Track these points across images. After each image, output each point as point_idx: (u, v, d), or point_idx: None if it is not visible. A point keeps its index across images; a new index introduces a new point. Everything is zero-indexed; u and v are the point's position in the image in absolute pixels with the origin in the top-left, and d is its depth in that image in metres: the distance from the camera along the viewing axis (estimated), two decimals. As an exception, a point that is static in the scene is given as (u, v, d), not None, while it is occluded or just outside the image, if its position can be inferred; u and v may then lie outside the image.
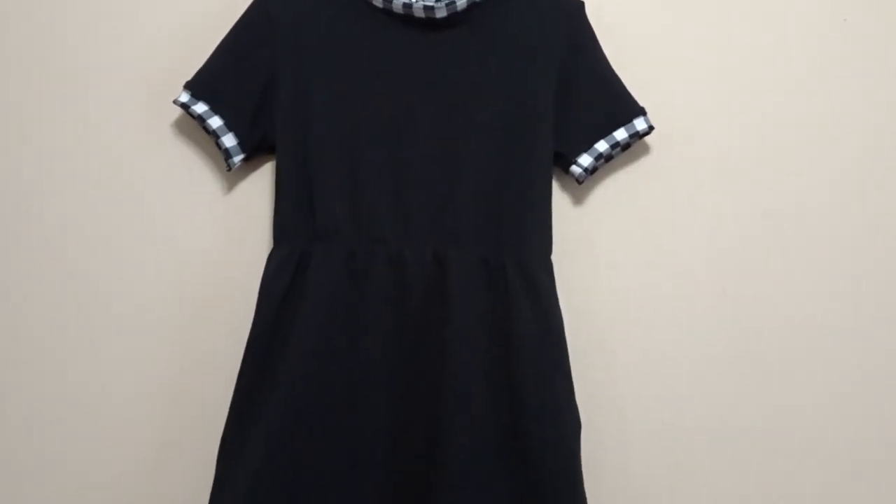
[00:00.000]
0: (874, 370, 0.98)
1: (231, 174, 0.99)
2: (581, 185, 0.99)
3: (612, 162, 1.00)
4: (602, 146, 0.97)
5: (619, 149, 0.98)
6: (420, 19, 0.95)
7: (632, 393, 0.96)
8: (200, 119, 0.95)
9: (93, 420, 0.96)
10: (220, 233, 0.98)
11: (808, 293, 0.99)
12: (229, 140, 0.95)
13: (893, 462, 0.96)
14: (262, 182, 0.99)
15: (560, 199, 0.99)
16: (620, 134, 0.97)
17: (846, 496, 0.96)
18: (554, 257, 0.94)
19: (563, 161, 0.97)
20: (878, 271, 0.99)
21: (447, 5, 0.94)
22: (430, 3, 0.95)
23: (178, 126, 1.00)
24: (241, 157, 0.96)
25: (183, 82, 0.95)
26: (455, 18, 0.95)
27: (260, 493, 0.86)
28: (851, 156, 1.01)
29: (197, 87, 0.96)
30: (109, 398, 0.96)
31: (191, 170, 0.99)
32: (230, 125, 0.95)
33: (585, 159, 0.97)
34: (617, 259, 0.98)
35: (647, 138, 0.99)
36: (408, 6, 0.94)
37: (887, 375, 0.98)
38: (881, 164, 1.01)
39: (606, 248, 0.98)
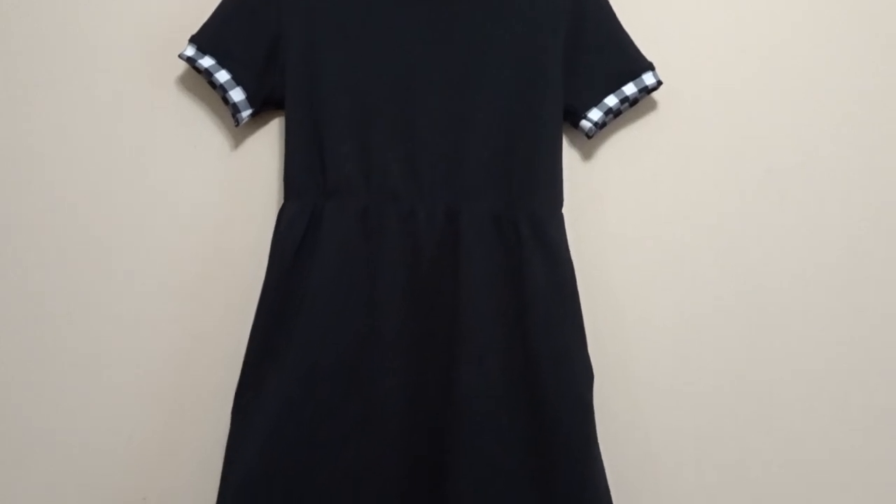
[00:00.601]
0: (874, 320, 1.00)
1: (237, 130, 0.98)
2: (590, 140, 0.99)
3: (621, 117, 1.00)
4: (611, 100, 0.97)
5: (627, 104, 0.98)
6: (429, -24, 0.94)
7: (641, 343, 0.97)
8: (207, 73, 0.94)
9: (103, 379, 0.95)
10: (228, 189, 0.97)
11: (810, 245, 1.00)
12: (237, 94, 0.94)
13: (893, 407, 0.99)
14: (269, 138, 0.98)
15: (569, 153, 0.99)
16: (629, 88, 0.98)
17: (849, 442, 0.98)
18: (564, 210, 0.94)
19: (573, 116, 0.97)
20: (880, 227, 1.01)
21: (456, -39, 0.93)
22: (440, -43, 0.94)
23: (184, 81, 0.98)
24: (249, 111, 0.95)
25: (188, 36, 0.94)
26: (464, -25, 0.94)
27: (276, 447, 0.86)
28: (856, 114, 1.02)
29: (203, 40, 0.94)
30: (118, 358, 0.95)
31: (197, 126, 0.98)
32: (238, 79, 0.94)
33: (595, 113, 0.97)
34: (626, 212, 0.99)
35: (654, 94, 1.00)
36: (417, -38, 0.93)
37: (887, 327, 1.00)
38: (887, 122, 1.02)
39: (615, 202, 0.99)
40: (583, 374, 0.90)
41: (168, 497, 0.94)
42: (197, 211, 0.97)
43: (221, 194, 0.97)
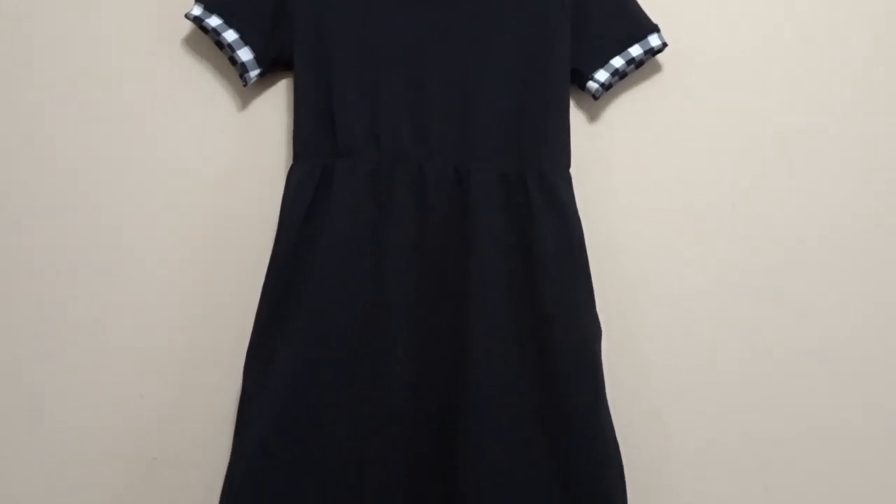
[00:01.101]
0: (881, 281, 1.02)
1: (245, 91, 0.97)
2: (596, 102, 1.00)
3: (626, 80, 1.01)
4: (618, 62, 0.98)
5: (633, 65, 0.99)
6: (438, -63, 0.94)
7: (647, 302, 0.99)
8: (214, 33, 0.93)
9: (113, 340, 0.95)
10: (237, 150, 0.97)
11: (814, 208, 1.02)
12: (245, 54, 0.94)
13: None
14: (277, 99, 0.98)
15: (576, 115, 1.00)
16: (635, 50, 0.98)
17: (856, 403, 1.00)
18: (571, 171, 0.95)
19: (580, 78, 0.98)
20: (885, 188, 1.03)
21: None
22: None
23: (191, 41, 0.98)
24: (257, 71, 0.95)
25: (195, -5, 0.94)
26: (473, -64, 0.94)
27: (287, 414, 0.87)
28: (866, 80, 1.03)
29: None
30: (129, 318, 0.95)
31: (205, 86, 0.98)
32: (245, 39, 0.94)
33: (602, 75, 0.98)
34: (631, 172, 1.00)
35: (659, 57, 1.01)
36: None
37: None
38: (891, 87, 1.04)
39: (621, 162, 1.00)
40: (591, 330, 0.92)
41: (178, 457, 0.95)
42: (206, 172, 0.97)
43: (230, 155, 0.97)
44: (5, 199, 0.96)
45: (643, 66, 1.00)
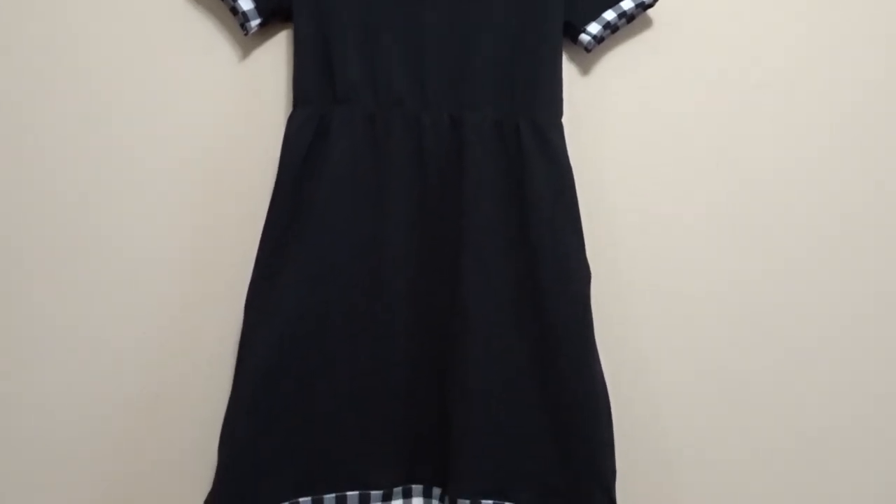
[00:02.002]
0: (866, 219, 1.05)
1: (246, 42, 1.00)
2: (589, 55, 1.03)
3: (617, 35, 1.03)
4: (610, 15, 1.01)
5: (624, 19, 1.01)
6: None
7: (636, 247, 1.02)
8: (216, -18, 0.96)
9: (115, 279, 0.98)
10: (236, 100, 0.99)
11: (804, 158, 1.05)
12: (246, 3, 0.96)
13: (889, 313, 1.05)
14: (277, 48, 1.00)
15: (569, 68, 1.02)
16: (627, 4, 1.01)
17: (844, 349, 1.04)
18: (564, 122, 0.98)
19: (572, 30, 1.00)
20: (868, 133, 1.06)
21: None
22: None
23: (191, -9, 1.01)
24: (257, 21, 0.97)
25: (197, -55, 0.96)
26: None
27: (286, 344, 0.90)
28: (842, 30, 1.06)
29: (212, -51, 0.96)
30: (130, 258, 0.98)
31: (206, 36, 1.00)
32: (246, -12, 0.96)
33: (594, 27, 1.00)
34: (623, 123, 1.03)
35: (650, 11, 1.04)
36: None
37: (879, 225, 1.05)
38: (875, 34, 1.06)
39: (613, 114, 1.03)
40: (581, 273, 0.95)
41: (180, 394, 0.98)
42: (208, 119, 0.99)
43: (232, 103, 1.00)
44: (13, 139, 0.99)
45: (634, 20, 1.03)
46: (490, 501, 0.93)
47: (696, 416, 1.01)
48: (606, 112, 1.03)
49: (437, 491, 0.97)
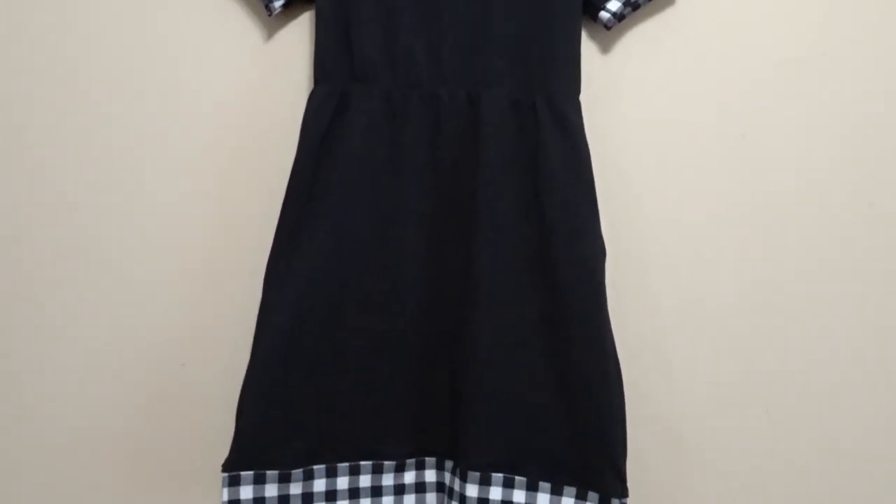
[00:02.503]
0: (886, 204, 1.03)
1: (270, 22, 1.02)
2: (608, 33, 1.02)
3: (639, 13, 1.03)
4: (630, -9, 1.00)
5: (645, -3, 1.01)
6: None
7: (651, 225, 1.01)
8: (241, -36, 0.99)
9: (139, 252, 1.02)
10: (259, 81, 1.02)
11: (824, 137, 1.02)
12: (270, -16, 0.99)
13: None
14: (300, 29, 1.03)
15: (589, 46, 1.02)
16: (648, -20, 1.00)
17: (854, 317, 1.02)
18: (582, 100, 0.98)
19: (592, 8, 1.00)
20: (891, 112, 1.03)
21: None
22: None
23: (216, -27, 1.04)
24: (281, 2, 0.99)
25: (222, -73, 0.99)
26: None
27: (303, 315, 0.93)
28: (864, 7, 1.03)
29: (237, -68, 0.99)
30: (154, 235, 1.02)
31: (229, 18, 1.03)
32: (270, -31, 0.99)
33: (614, 4, 1.00)
34: (642, 104, 1.02)
35: (673, -11, 1.03)
36: None
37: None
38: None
39: (633, 93, 1.02)
40: (595, 251, 0.95)
41: (205, 363, 1.01)
42: (231, 98, 1.02)
43: (255, 82, 1.02)
44: (30, 115, 1.03)
45: (655, -1, 1.02)
46: (500, 474, 0.94)
47: (711, 394, 1.01)
48: (627, 91, 1.02)
49: (449, 464, 0.98)
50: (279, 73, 1.02)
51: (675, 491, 1.01)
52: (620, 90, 1.02)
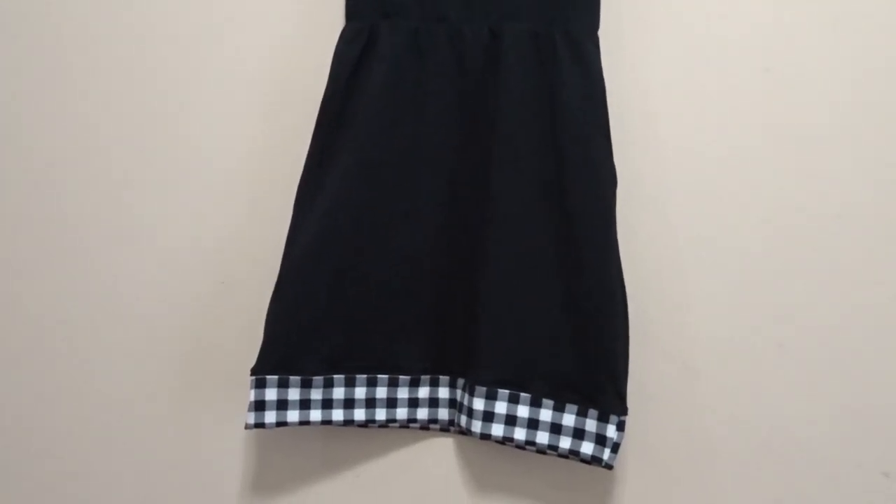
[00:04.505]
0: None
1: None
2: (631, -29, 1.05)
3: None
4: (653, -70, 1.02)
5: (670, -64, 1.03)
6: None
7: (669, 158, 1.03)
8: None
9: (183, 184, 1.10)
10: (293, 21, 1.08)
11: (851, 71, 1.01)
12: (307, -73, 1.05)
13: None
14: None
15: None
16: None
17: (874, 253, 1.01)
18: (600, 34, 1.01)
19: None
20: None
21: None
22: None
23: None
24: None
25: None
26: None
27: (329, 229, 0.99)
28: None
29: None
30: (196, 163, 1.10)
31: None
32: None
33: (636, -58, 1.02)
34: (665, 35, 1.03)
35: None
36: None
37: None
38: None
39: (652, 27, 1.03)
40: (607, 177, 0.98)
41: (243, 281, 1.09)
42: (268, 35, 1.08)
43: (288, 24, 1.08)
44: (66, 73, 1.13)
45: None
46: (506, 390, 0.99)
47: (721, 325, 1.02)
48: (646, 27, 1.04)
49: (462, 381, 1.03)
50: (313, 12, 1.08)
51: (679, 412, 1.03)
52: (640, 26, 1.04)
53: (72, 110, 1.11)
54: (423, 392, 1.04)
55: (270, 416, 0.99)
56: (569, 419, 0.98)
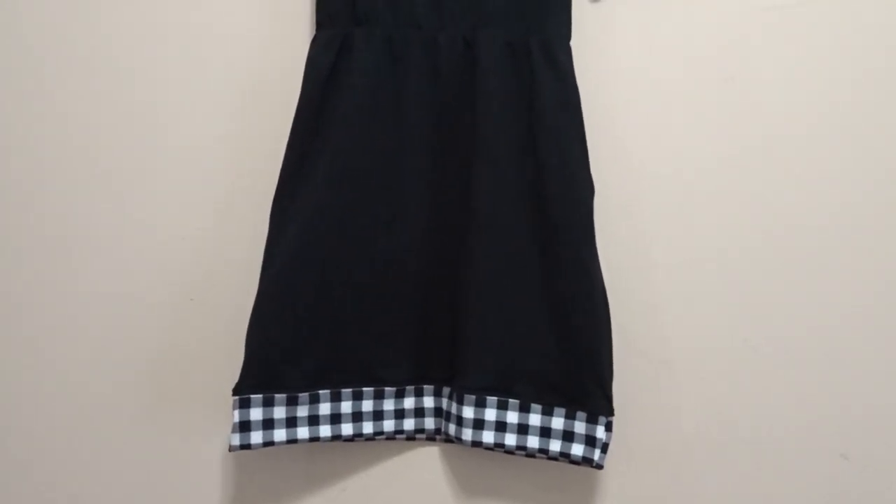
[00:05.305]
0: (878, 140, 1.07)
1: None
2: (598, -18, 1.07)
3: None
4: (619, -58, 1.05)
5: (634, -53, 1.06)
6: None
7: (639, 165, 1.06)
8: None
9: (150, 194, 1.06)
10: (261, 29, 1.06)
11: (813, 80, 1.07)
12: (273, -68, 1.03)
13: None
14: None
15: (578, -2, 1.07)
16: (635, -69, 1.05)
17: (840, 252, 1.07)
18: (572, 45, 1.02)
19: (582, -43, 1.05)
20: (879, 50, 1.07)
21: None
22: None
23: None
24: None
25: None
26: None
27: (309, 239, 0.97)
28: None
29: None
30: (162, 179, 1.06)
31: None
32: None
33: (604, -46, 1.05)
34: (631, 49, 1.07)
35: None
36: None
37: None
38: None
39: (621, 37, 1.06)
40: (584, 183, 1.00)
41: (212, 299, 1.06)
42: (235, 43, 1.06)
43: (256, 32, 1.06)
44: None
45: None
46: (495, 397, 1.00)
47: (693, 322, 1.06)
48: (614, 39, 1.06)
49: (447, 390, 1.04)
50: (281, 20, 1.06)
51: (657, 410, 1.07)
52: (608, 37, 1.06)
53: (40, 122, 1.06)
54: (409, 402, 1.04)
55: (257, 437, 0.97)
56: (557, 422, 1.00)
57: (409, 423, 1.04)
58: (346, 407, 1.01)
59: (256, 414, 0.97)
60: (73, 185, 1.07)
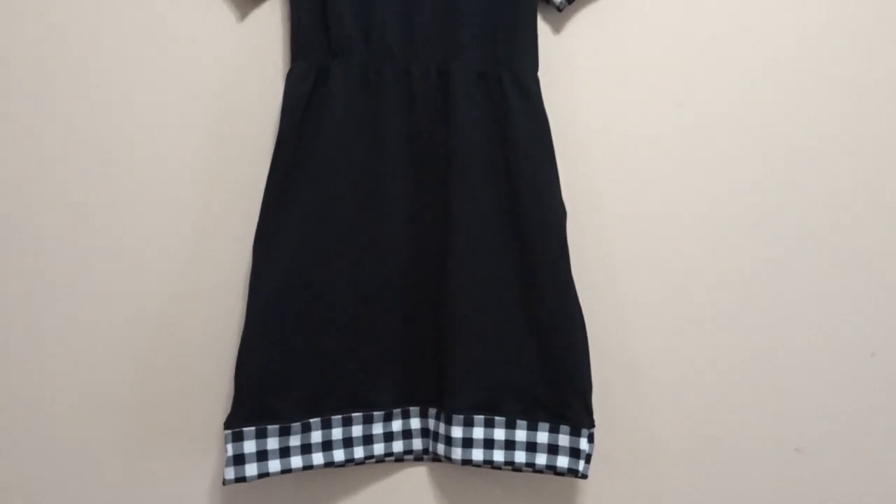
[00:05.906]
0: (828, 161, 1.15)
1: (243, 3, 1.07)
2: (561, 14, 1.12)
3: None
4: (579, -24, 1.11)
5: (593, -19, 1.11)
6: None
7: (604, 188, 1.12)
8: (216, -55, 1.02)
9: (128, 226, 1.06)
10: (235, 62, 1.07)
11: (750, 105, 1.15)
12: (245, -35, 1.03)
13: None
14: (273, 10, 1.07)
15: (542, 27, 1.11)
16: (595, -34, 1.11)
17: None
18: (539, 75, 1.08)
19: (545, -10, 1.10)
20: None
21: None
22: None
23: (192, -46, 1.07)
24: (256, -18, 1.04)
25: None
26: None
27: (292, 275, 0.99)
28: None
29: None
30: (143, 207, 1.06)
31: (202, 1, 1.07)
32: (244, -51, 1.03)
33: (565, -13, 1.10)
34: (595, 78, 1.12)
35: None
36: None
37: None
38: None
39: (584, 69, 1.12)
40: (559, 210, 1.05)
41: (198, 326, 1.07)
42: (210, 76, 1.06)
43: (230, 64, 1.07)
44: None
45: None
46: (482, 416, 1.04)
47: (663, 333, 1.13)
48: (580, 69, 1.12)
49: (433, 411, 1.07)
50: (255, 52, 1.07)
51: (635, 419, 1.13)
52: (574, 68, 1.12)
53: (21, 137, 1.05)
54: (397, 425, 1.06)
55: (251, 469, 0.98)
56: (542, 437, 1.05)
57: (398, 446, 1.06)
58: (337, 433, 1.03)
59: (250, 446, 0.98)
60: (49, 216, 1.05)
